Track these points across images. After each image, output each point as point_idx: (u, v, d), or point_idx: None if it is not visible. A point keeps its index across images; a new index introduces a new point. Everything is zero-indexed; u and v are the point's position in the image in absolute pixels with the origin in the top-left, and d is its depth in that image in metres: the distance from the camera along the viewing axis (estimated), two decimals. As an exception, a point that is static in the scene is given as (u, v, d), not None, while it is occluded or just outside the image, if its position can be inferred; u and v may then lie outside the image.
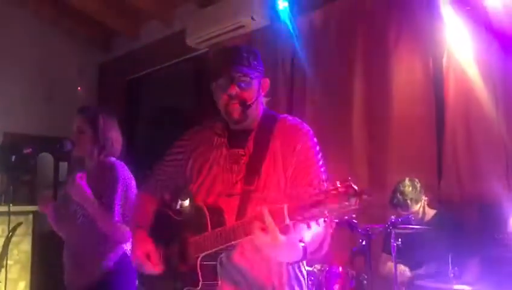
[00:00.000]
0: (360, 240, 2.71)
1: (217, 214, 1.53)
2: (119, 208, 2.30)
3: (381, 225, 2.67)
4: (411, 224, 2.68)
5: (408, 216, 2.74)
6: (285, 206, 1.27)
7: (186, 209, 1.82)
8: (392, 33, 3.34)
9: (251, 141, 1.60)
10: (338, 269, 2.84)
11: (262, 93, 1.66)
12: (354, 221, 2.69)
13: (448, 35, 3.06)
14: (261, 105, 1.66)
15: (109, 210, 2.28)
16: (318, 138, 1.62)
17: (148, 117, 5.45)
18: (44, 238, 4.37)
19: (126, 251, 2.38)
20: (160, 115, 5.18)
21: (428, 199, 2.93)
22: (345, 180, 1.20)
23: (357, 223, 2.67)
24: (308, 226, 1.26)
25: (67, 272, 2.39)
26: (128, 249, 2.40)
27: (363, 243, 2.68)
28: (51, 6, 5.23)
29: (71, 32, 5.54)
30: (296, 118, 1.67)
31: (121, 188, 2.32)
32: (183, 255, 1.60)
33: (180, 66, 5.01)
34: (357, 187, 1.19)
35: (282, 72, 3.93)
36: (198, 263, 1.52)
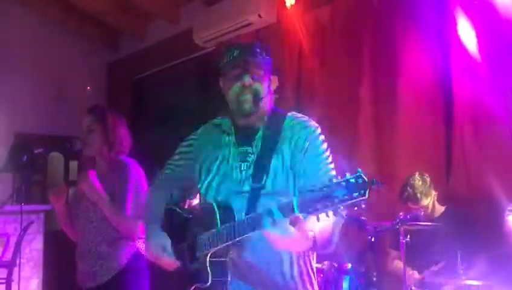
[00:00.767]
0: (369, 237, 2.71)
1: (227, 212, 1.54)
2: (131, 205, 2.32)
3: (390, 222, 2.67)
4: (420, 221, 2.67)
5: (417, 213, 2.73)
6: (295, 199, 1.28)
7: (195, 208, 1.83)
8: (400, 28, 3.32)
9: (259, 139, 1.61)
10: (347, 266, 2.84)
11: (271, 90, 1.67)
12: (362, 218, 2.69)
13: (456, 30, 3.04)
14: (270, 102, 1.67)
15: (122, 207, 2.30)
16: (326, 134, 1.63)
17: (156, 115, 5.47)
18: (55, 237, 4.41)
19: (139, 248, 2.40)
20: (168, 114, 5.20)
21: (437, 194, 2.92)
22: (354, 172, 1.20)
23: (366, 220, 2.67)
24: (318, 219, 1.27)
25: (80, 270, 2.41)
26: (141, 247, 2.43)
27: (372, 240, 2.68)
28: (59, 7, 5.27)
29: (79, 32, 5.59)
30: (303, 115, 1.67)
31: (133, 185, 2.34)
32: (193, 253, 1.61)
33: (187, 65, 5.02)
34: (367, 178, 1.19)
35: (290, 69, 3.93)
36: (208, 259, 1.53)
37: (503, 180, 2.70)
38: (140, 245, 2.43)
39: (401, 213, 2.68)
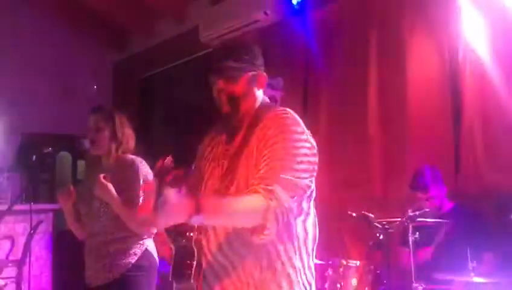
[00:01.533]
0: (377, 234, 2.70)
1: None
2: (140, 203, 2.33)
3: (399, 219, 2.66)
4: (427, 217, 2.66)
5: (424, 209, 2.72)
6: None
7: None
8: (407, 24, 3.31)
9: (240, 136, 1.59)
10: (356, 263, 2.84)
11: (257, 88, 1.62)
12: (371, 215, 2.68)
13: (464, 26, 3.02)
14: (256, 99, 1.62)
15: (131, 206, 2.31)
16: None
17: (163, 114, 5.49)
18: (64, 236, 4.44)
19: (148, 247, 2.42)
20: (175, 112, 5.21)
21: (446, 189, 2.90)
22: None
23: (374, 217, 2.66)
24: None
25: (88, 268, 2.43)
26: (150, 245, 2.45)
27: (381, 237, 2.67)
28: (66, 6, 5.29)
29: (86, 31, 5.60)
30: (285, 108, 1.57)
31: (141, 183, 2.35)
32: (191, 251, 1.62)
33: (193, 63, 5.02)
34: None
35: (296, 67, 3.92)
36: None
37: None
38: (150, 244, 2.44)
39: (410, 210, 2.67)
